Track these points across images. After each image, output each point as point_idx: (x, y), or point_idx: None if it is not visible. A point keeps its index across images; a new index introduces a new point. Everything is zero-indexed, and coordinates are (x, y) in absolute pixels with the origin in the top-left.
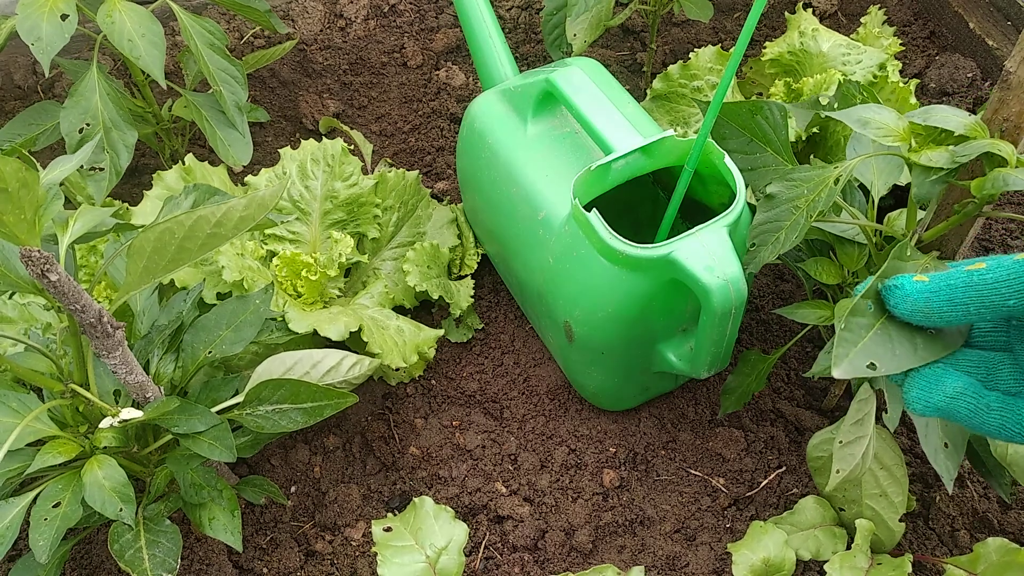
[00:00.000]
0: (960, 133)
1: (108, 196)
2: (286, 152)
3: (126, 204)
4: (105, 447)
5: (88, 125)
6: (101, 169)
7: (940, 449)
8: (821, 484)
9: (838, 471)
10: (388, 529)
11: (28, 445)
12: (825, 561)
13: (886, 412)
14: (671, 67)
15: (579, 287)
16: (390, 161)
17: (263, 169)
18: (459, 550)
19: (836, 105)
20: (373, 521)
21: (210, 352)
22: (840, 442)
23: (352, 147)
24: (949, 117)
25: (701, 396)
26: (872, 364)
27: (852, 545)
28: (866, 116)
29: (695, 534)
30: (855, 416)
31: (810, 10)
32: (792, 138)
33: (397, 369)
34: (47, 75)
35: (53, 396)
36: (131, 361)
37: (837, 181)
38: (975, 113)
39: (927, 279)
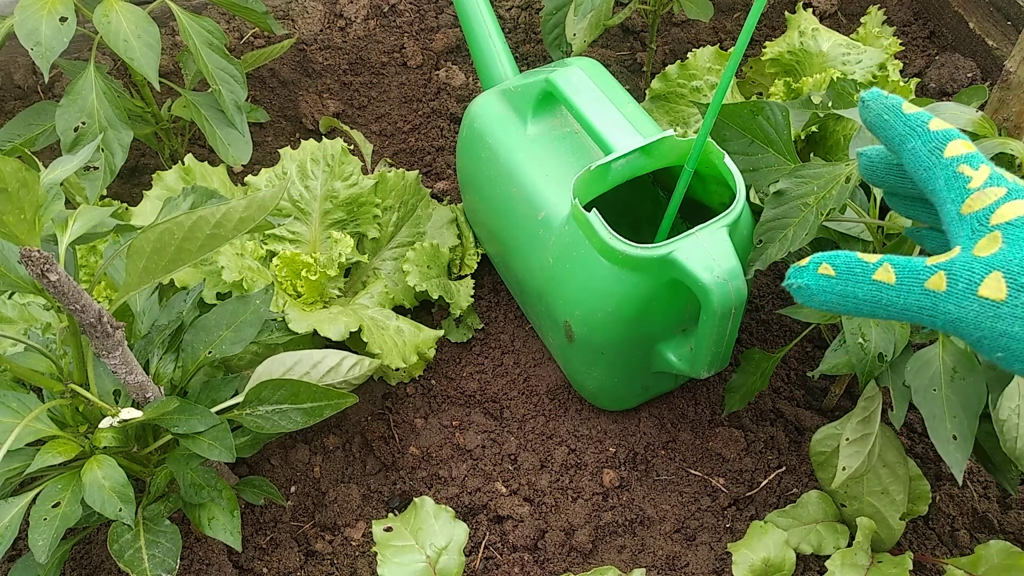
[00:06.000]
0: (968, 130)
1: (108, 196)
2: (286, 152)
3: (126, 204)
4: (105, 447)
5: (84, 124)
6: (96, 168)
7: (949, 441)
8: (823, 479)
9: (844, 468)
10: (388, 529)
11: (28, 445)
12: (826, 557)
13: (891, 410)
14: (669, 67)
15: (579, 287)
16: (390, 161)
17: (263, 169)
18: (459, 550)
19: (831, 103)
20: (373, 521)
21: (210, 352)
22: (847, 439)
23: (352, 147)
24: (957, 114)
25: (701, 396)
26: None
27: (853, 543)
28: None
29: (695, 534)
30: (861, 414)
31: (810, 10)
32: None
33: (397, 369)
34: (46, 79)
35: (53, 396)
36: (131, 361)
37: (848, 179)
38: None
39: (833, 273)
